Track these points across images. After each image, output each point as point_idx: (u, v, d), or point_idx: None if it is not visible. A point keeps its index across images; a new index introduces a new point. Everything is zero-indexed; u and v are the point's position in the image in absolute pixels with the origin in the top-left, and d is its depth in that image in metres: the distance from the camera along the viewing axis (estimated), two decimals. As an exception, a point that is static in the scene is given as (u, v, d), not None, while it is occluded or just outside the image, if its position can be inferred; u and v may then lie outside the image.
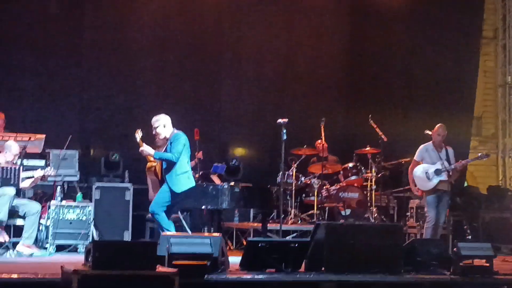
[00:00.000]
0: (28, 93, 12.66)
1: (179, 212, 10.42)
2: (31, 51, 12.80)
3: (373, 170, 12.15)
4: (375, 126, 12.13)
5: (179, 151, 9.08)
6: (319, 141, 12.30)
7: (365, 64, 14.54)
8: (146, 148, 9.17)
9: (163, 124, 9.23)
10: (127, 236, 11.46)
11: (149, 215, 10.39)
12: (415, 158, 10.41)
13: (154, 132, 9.29)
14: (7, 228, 9.84)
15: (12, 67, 12.65)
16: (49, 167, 10.08)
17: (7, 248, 9.34)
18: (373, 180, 12.13)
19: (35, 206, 9.71)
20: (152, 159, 9.45)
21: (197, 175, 11.15)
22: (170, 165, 9.07)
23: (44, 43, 12.83)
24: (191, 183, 9.18)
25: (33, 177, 9.88)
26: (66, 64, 12.96)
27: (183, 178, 9.09)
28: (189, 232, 9.89)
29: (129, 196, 11.52)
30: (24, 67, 12.71)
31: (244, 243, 11.26)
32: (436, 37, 14.72)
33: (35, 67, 12.76)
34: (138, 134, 9.25)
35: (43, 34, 12.85)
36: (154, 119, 9.31)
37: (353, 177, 12.29)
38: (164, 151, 9.23)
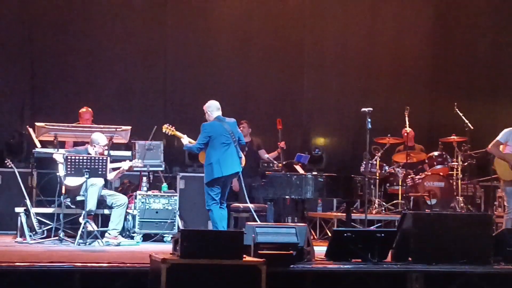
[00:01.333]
0: (114, 86, 12.90)
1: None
2: (114, 44, 13.04)
3: (459, 158, 11.92)
4: (461, 114, 11.90)
5: (200, 142, 9.39)
6: (405, 129, 12.14)
7: (450, 51, 14.29)
8: (183, 139, 9.76)
9: (208, 111, 9.55)
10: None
11: (233, 204, 10.53)
12: (498, 138, 9.99)
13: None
14: (95, 218, 10.07)
15: (95, 63, 12.90)
16: (136, 159, 10.26)
17: (96, 237, 9.52)
18: (459, 169, 11.90)
19: (122, 198, 9.90)
20: None
21: (280, 165, 11.17)
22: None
23: (127, 37, 13.05)
24: (217, 174, 9.28)
25: (120, 168, 10.07)
26: (150, 58, 13.15)
27: (209, 169, 9.32)
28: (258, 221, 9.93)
29: (212, 186, 11.62)
30: (106, 61, 12.96)
31: (328, 233, 11.23)
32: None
33: (118, 61, 12.99)
34: (168, 129, 9.54)
35: (127, 28, 13.08)
36: (205, 105, 9.64)
37: (439, 166, 12.06)
38: None
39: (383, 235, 7.84)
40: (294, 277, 7.32)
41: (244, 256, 6.49)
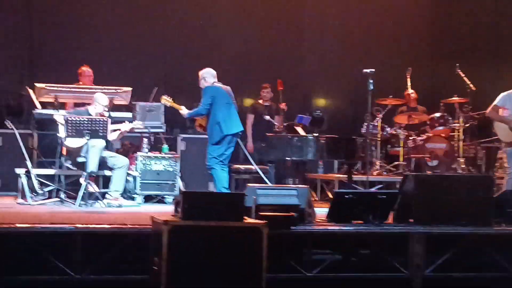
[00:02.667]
0: (113, 47, 12.81)
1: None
2: (114, 4, 12.94)
3: (461, 120, 11.87)
4: (462, 75, 11.83)
5: (206, 103, 9.67)
6: (408, 91, 12.07)
7: (452, 11, 14.18)
8: (182, 110, 9.96)
9: (204, 78, 9.80)
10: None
11: (234, 166, 10.54)
12: (495, 103, 10.02)
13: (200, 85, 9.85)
14: (96, 179, 10.06)
15: (94, 23, 12.79)
16: (136, 121, 10.24)
17: (97, 199, 9.53)
18: (461, 130, 11.87)
19: (123, 160, 9.87)
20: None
21: (281, 126, 11.15)
22: (207, 119, 9.70)
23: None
24: (224, 132, 9.60)
25: (120, 129, 10.04)
26: (150, 19, 13.04)
27: (215, 129, 9.61)
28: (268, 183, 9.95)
29: (213, 147, 11.61)
30: (106, 22, 12.86)
31: (329, 194, 11.23)
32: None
33: (117, 22, 12.89)
34: (167, 100, 9.63)
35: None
36: (200, 72, 9.86)
37: (440, 128, 12.02)
38: None
39: (384, 196, 7.83)
40: (295, 238, 7.34)
41: (245, 217, 6.49)
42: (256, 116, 11.67)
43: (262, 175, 9.99)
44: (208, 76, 9.78)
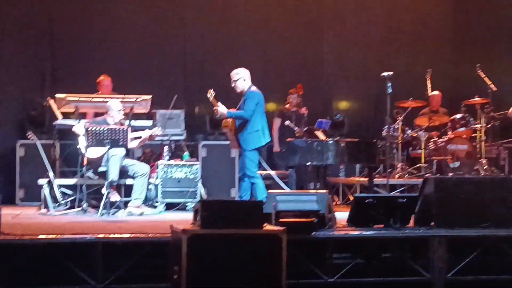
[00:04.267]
0: (133, 55, 12.87)
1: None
2: (133, 12, 13.00)
3: (482, 120, 11.80)
4: (483, 75, 11.76)
5: (252, 108, 9.38)
6: (430, 93, 12.03)
7: (472, 11, 14.08)
8: (220, 108, 9.51)
9: (243, 78, 9.54)
10: (234, 194, 11.61)
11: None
12: None
13: (233, 85, 9.57)
14: (118, 188, 10.12)
15: (115, 32, 12.86)
16: (156, 127, 10.27)
17: (119, 208, 9.58)
18: (483, 131, 11.79)
19: (144, 167, 9.91)
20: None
21: (302, 131, 11.15)
22: (243, 123, 9.42)
23: (146, 5, 13.02)
24: (263, 141, 9.46)
25: (140, 137, 10.08)
26: (168, 26, 13.09)
27: (255, 136, 9.41)
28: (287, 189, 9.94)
29: (234, 153, 11.66)
30: (125, 31, 12.92)
31: (351, 198, 11.20)
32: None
33: (136, 30, 12.95)
34: (211, 94, 9.51)
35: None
36: (234, 72, 9.60)
37: (462, 129, 11.93)
38: (237, 107, 9.47)
39: (404, 200, 7.80)
40: (316, 244, 7.34)
41: (265, 224, 6.49)
42: (282, 121, 11.70)
43: (279, 181, 9.96)
44: (247, 77, 9.56)
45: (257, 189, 9.39)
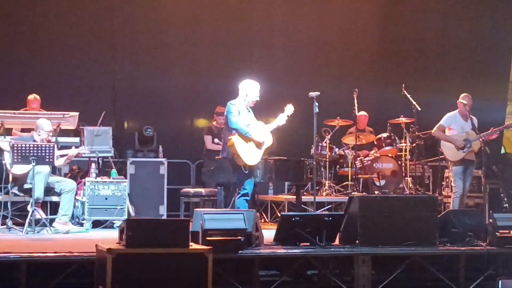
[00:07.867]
0: (60, 71, 12.72)
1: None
2: (61, 28, 12.85)
3: (408, 140, 12.06)
4: (408, 95, 11.99)
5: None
6: (357, 113, 12.24)
7: (398, 32, 14.42)
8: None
9: (251, 92, 9.62)
10: (163, 211, 11.55)
11: (183, 189, 10.48)
12: (441, 123, 10.40)
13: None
14: (43, 205, 9.98)
15: (43, 46, 12.70)
16: (83, 146, 10.18)
17: (44, 225, 9.44)
18: (408, 150, 12.05)
19: (71, 184, 9.81)
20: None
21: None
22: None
23: (74, 21, 12.89)
24: None
25: (67, 154, 9.97)
26: (98, 43, 13.00)
27: None
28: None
29: (163, 170, 11.64)
30: (54, 44, 12.78)
31: (279, 215, 11.27)
32: (470, 1, 14.56)
33: (65, 46, 12.81)
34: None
35: (74, 11, 12.92)
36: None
37: (387, 147, 12.20)
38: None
39: (330, 219, 7.92)
40: (244, 262, 7.38)
41: (191, 243, 6.50)
42: (212, 138, 11.73)
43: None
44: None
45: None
